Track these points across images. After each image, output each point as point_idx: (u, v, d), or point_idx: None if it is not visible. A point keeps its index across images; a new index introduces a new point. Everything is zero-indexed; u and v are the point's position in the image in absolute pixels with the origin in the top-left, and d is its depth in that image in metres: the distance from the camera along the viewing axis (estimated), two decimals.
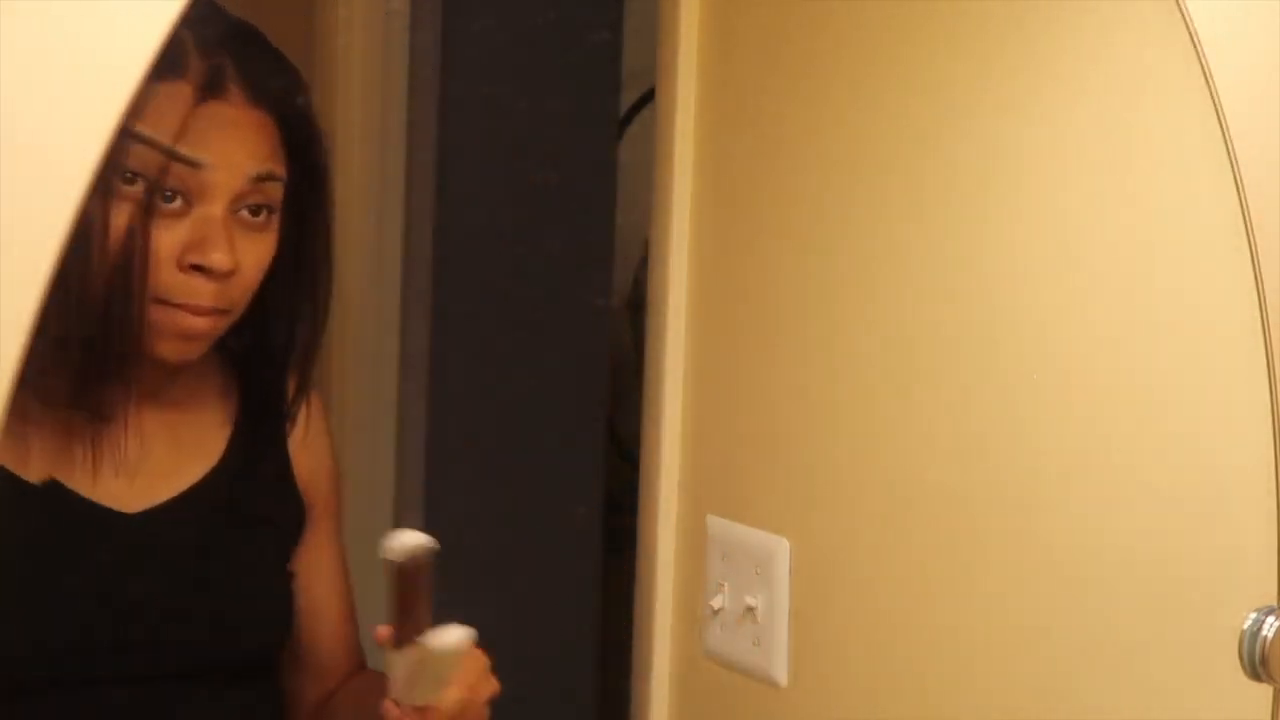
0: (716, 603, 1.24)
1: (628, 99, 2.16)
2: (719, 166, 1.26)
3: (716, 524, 1.25)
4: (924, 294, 1.10)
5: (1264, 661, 0.92)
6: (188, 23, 1.07)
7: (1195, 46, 0.92)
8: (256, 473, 1.23)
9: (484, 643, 1.08)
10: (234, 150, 1.11)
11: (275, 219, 1.15)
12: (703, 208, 1.27)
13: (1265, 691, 0.94)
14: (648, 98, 1.79)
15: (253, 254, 1.12)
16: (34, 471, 1.11)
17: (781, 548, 1.20)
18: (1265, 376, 0.93)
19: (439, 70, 1.99)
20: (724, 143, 1.25)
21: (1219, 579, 0.96)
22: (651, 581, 1.31)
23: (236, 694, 1.19)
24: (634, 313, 2.24)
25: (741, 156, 1.24)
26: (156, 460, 1.18)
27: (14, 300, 0.65)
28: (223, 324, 1.13)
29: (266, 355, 1.23)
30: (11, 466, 1.10)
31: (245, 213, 1.12)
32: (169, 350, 1.11)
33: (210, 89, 1.10)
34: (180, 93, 1.08)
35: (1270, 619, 0.92)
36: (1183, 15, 0.93)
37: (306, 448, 1.28)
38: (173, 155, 1.07)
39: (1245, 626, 0.93)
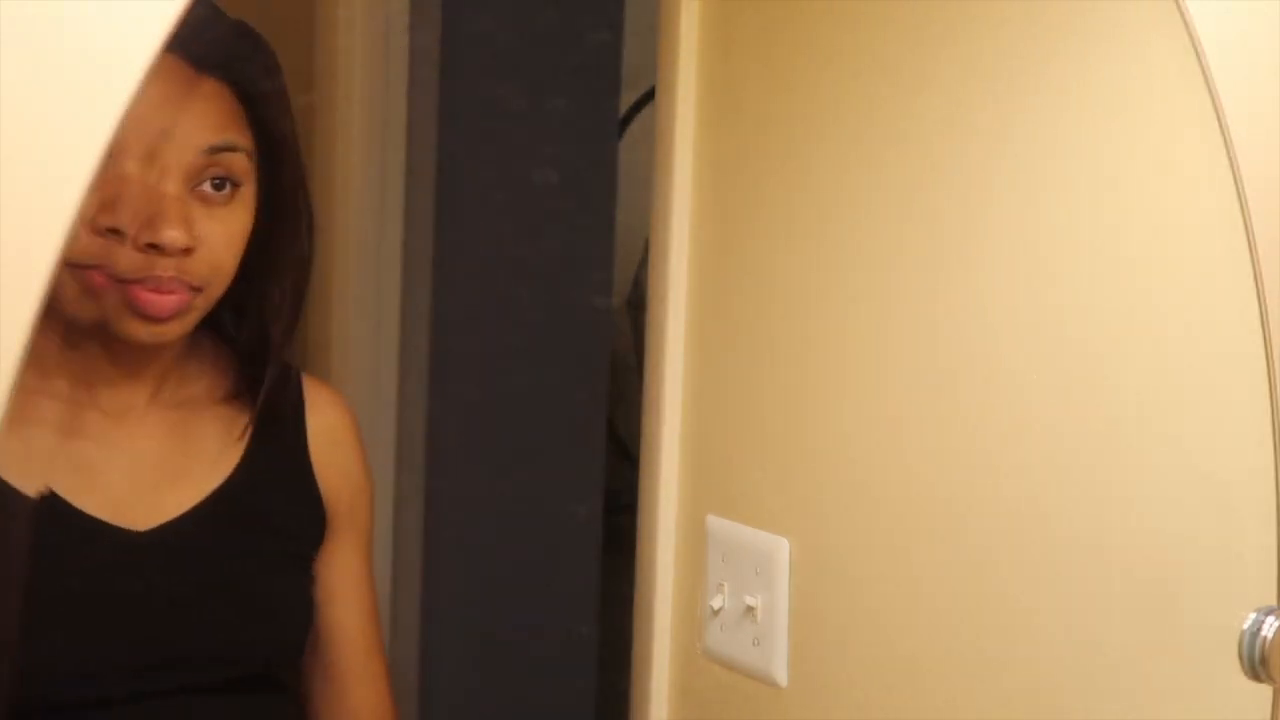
0: (716, 603, 1.24)
1: (628, 99, 2.16)
2: (719, 166, 1.25)
3: (716, 524, 1.25)
4: (924, 294, 1.10)
5: (1264, 661, 0.92)
6: None
7: (1195, 47, 0.93)
8: (274, 479, 1.19)
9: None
10: (181, 122, 1.06)
11: (245, 193, 1.10)
12: (703, 208, 1.27)
13: (1265, 691, 0.94)
14: (648, 98, 1.80)
15: (220, 230, 1.08)
16: (32, 478, 1.07)
17: (781, 548, 1.20)
18: (1265, 377, 0.93)
19: (439, 70, 1.99)
20: (724, 143, 1.25)
21: (1219, 579, 0.96)
22: (651, 581, 1.31)
23: (256, 701, 1.15)
24: (634, 313, 2.25)
25: (741, 156, 1.24)
26: (164, 465, 1.13)
27: (14, 300, 0.65)
28: (199, 301, 1.09)
29: (266, 345, 1.18)
30: (6, 476, 1.06)
31: (207, 187, 1.07)
32: (138, 330, 1.07)
33: None
34: None
35: (1270, 619, 0.92)
36: (1182, 15, 0.93)
37: (331, 452, 1.23)
38: None
39: (1245, 626, 0.92)
